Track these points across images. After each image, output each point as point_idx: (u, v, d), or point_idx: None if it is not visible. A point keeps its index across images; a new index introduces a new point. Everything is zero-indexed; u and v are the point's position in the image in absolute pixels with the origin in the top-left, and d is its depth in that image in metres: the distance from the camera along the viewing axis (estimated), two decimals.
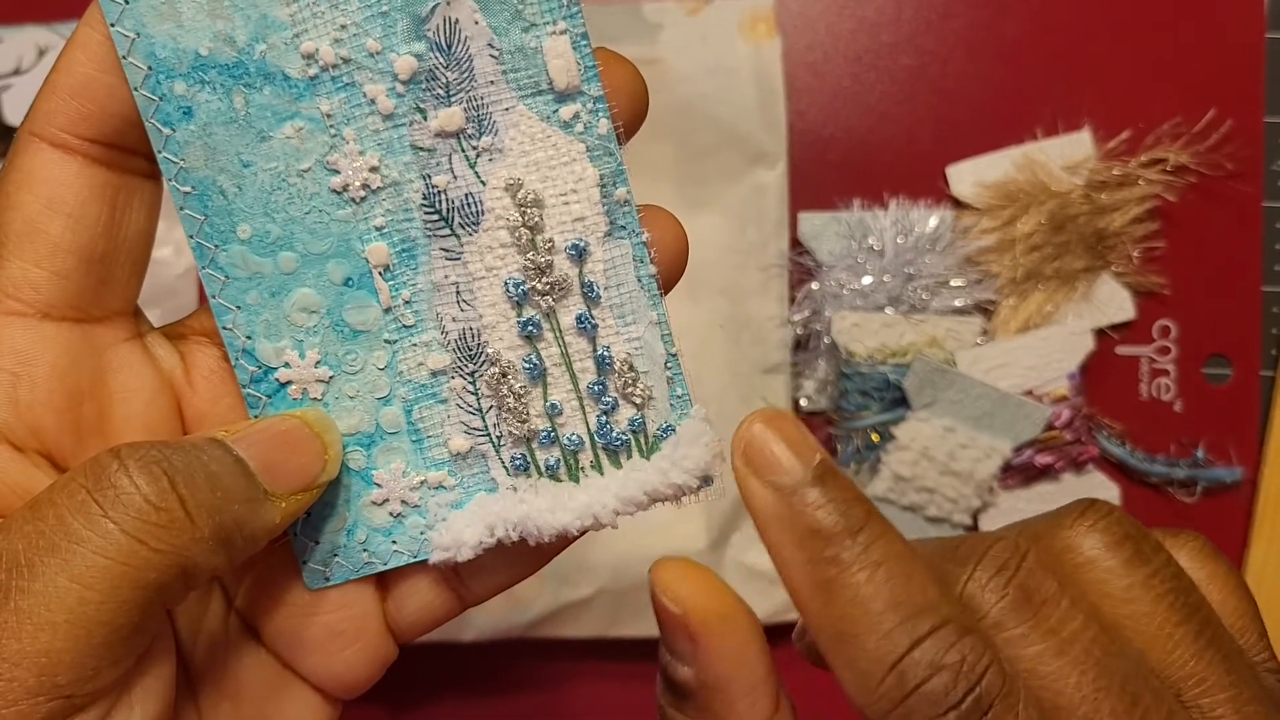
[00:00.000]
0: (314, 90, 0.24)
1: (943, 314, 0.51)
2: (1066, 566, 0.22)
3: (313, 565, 0.27)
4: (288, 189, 0.25)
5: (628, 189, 0.25)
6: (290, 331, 0.26)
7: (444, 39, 0.24)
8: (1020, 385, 0.50)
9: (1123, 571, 0.22)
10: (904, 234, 0.51)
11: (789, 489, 0.22)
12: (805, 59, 0.53)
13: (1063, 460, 0.51)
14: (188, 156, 0.25)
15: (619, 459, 0.26)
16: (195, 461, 0.22)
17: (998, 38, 0.53)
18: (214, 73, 0.24)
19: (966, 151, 0.52)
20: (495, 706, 0.54)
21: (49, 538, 0.21)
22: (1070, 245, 0.51)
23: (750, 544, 0.51)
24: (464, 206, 0.25)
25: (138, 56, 0.24)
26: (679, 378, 0.26)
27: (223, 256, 0.25)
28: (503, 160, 0.25)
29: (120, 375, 0.25)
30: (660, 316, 0.25)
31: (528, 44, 0.24)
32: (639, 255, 0.25)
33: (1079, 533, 0.22)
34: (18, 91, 0.53)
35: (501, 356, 0.26)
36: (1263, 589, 0.50)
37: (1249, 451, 0.51)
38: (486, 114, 0.25)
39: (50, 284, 0.24)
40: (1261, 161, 0.51)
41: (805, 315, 0.52)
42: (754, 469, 0.22)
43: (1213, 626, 0.22)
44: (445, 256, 0.25)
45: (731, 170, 0.51)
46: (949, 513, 0.51)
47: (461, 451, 0.26)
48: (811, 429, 0.52)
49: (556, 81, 0.24)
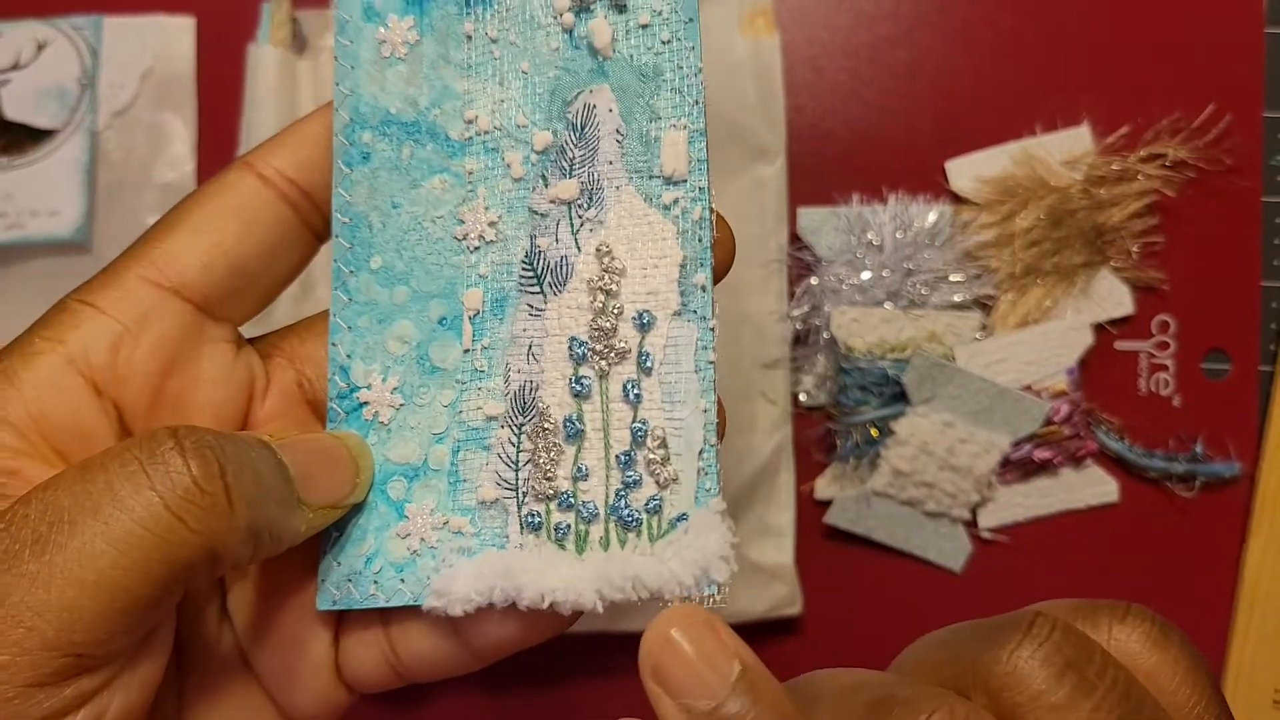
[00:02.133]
0: (465, 150, 0.28)
1: (942, 309, 0.51)
2: (1007, 705, 0.21)
3: (328, 586, 0.28)
4: (420, 231, 0.28)
5: (708, 276, 0.26)
6: (383, 357, 0.28)
7: (580, 120, 0.27)
8: (1019, 380, 0.50)
9: (1068, 706, 0.20)
10: (903, 229, 0.51)
11: (706, 714, 0.20)
12: (804, 54, 0.53)
13: (1061, 455, 0.51)
14: (354, 193, 0.28)
15: (627, 538, 0.26)
16: (244, 455, 0.23)
17: (996, 32, 0.53)
18: (395, 128, 0.28)
19: (965, 146, 0.52)
20: (497, 701, 0.54)
21: (95, 499, 0.21)
22: (1069, 240, 0.51)
23: (748, 539, 0.51)
24: (558, 268, 0.27)
25: (345, 109, 0.28)
26: (712, 471, 0.25)
27: (353, 281, 0.28)
28: (602, 230, 0.27)
29: (212, 367, 0.27)
30: (709, 405, 0.26)
31: (650, 133, 0.27)
32: (704, 342, 0.26)
33: (1019, 664, 0.21)
34: (16, 86, 0.53)
35: (550, 411, 0.27)
36: (1260, 584, 0.50)
37: (1247, 446, 0.51)
38: (599, 189, 0.27)
39: (194, 270, 0.26)
40: (1261, 156, 0.51)
41: (804, 310, 0.52)
42: (667, 689, 0.20)
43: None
44: (529, 312, 0.28)
45: (731, 165, 0.51)
46: (948, 507, 0.51)
47: (488, 500, 0.27)
48: (811, 424, 0.52)
49: (666, 168, 0.27)
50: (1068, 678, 0.20)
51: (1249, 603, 0.50)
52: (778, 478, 0.51)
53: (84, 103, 0.53)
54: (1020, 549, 0.52)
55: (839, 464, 0.52)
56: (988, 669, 0.21)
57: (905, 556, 0.52)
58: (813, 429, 0.52)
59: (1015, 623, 0.21)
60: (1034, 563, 0.52)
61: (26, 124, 0.53)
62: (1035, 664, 0.20)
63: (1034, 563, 0.52)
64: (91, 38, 0.53)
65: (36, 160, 0.52)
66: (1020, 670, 0.20)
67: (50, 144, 0.52)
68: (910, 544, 0.52)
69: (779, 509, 0.51)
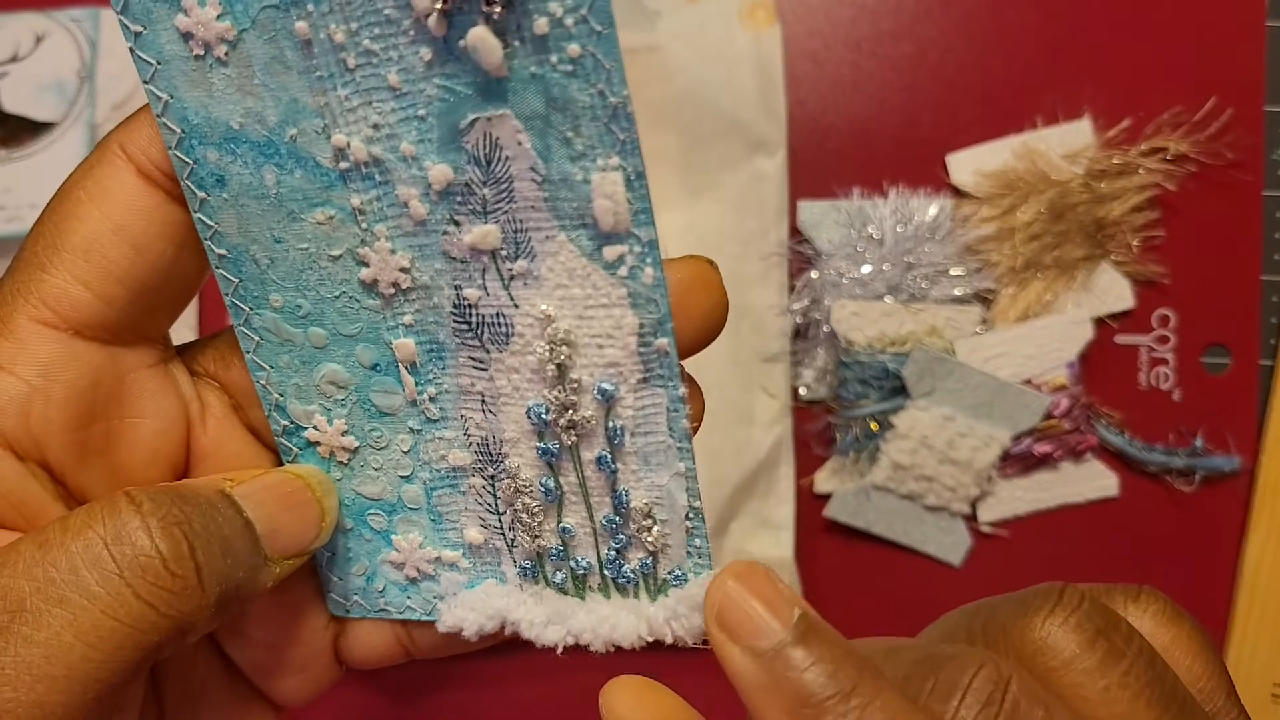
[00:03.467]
0: (346, 183, 0.23)
1: (942, 303, 0.51)
2: (1040, 669, 0.21)
3: (335, 597, 0.28)
4: (318, 270, 0.24)
5: (670, 340, 0.23)
6: (319, 399, 0.26)
7: (483, 154, 0.22)
8: (1019, 374, 0.50)
9: (1099, 672, 0.21)
10: (903, 222, 0.51)
11: (770, 653, 0.20)
12: (805, 46, 0.53)
13: (1061, 449, 0.51)
14: (221, 221, 0.24)
15: (625, 592, 0.26)
16: (212, 524, 0.22)
17: (998, 25, 0.53)
18: (245, 147, 0.23)
19: (966, 140, 0.52)
20: (494, 698, 0.54)
21: (59, 587, 0.20)
22: (1070, 234, 0.51)
23: (749, 533, 0.51)
24: (494, 324, 0.24)
25: (171, 119, 0.23)
26: (699, 530, 0.24)
27: (256, 320, 0.25)
28: (538, 288, 0.23)
29: (137, 401, 0.25)
30: (688, 469, 0.24)
31: (574, 175, 0.22)
32: (674, 407, 0.23)
33: (1051, 631, 0.21)
34: (15, 78, 0.53)
35: (520, 472, 0.25)
36: (1260, 578, 0.50)
37: (1247, 440, 0.51)
38: (525, 238, 0.23)
39: (91, 306, 0.23)
40: (1262, 150, 0.51)
41: (805, 304, 0.52)
42: (730, 634, 0.21)
43: (1188, 711, 0.21)
44: (473, 366, 0.24)
45: (731, 158, 0.51)
46: (948, 501, 0.51)
47: (476, 543, 0.26)
48: (811, 418, 0.52)
49: (602, 222, 0.22)
50: (1099, 644, 0.21)
51: (1248, 597, 0.50)
52: (777, 471, 0.51)
53: (83, 95, 0.53)
54: (1020, 543, 0.52)
55: (839, 458, 0.52)
56: (1020, 635, 0.21)
57: (905, 550, 0.52)
58: (813, 423, 0.52)
59: (1046, 593, 0.22)
60: (1034, 557, 0.52)
61: (25, 116, 0.52)
62: (1067, 631, 0.21)
63: (1034, 557, 0.52)
64: (90, 30, 0.53)
65: (35, 153, 0.52)
66: (1053, 637, 0.21)
67: (49, 136, 0.52)
68: (910, 538, 0.52)
69: (779, 502, 0.51)
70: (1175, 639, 0.23)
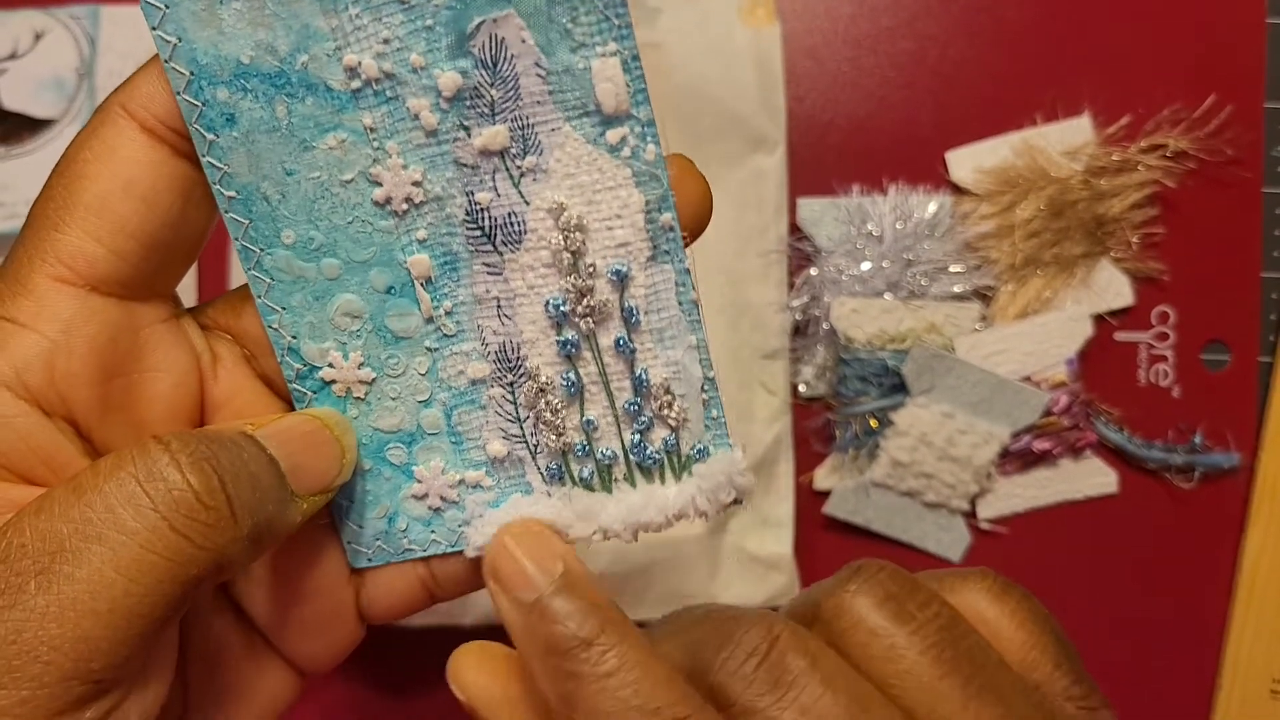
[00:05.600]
0: (357, 103, 0.24)
1: (941, 300, 0.51)
2: (834, 634, 0.23)
3: (356, 547, 0.28)
4: (331, 198, 0.25)
5: (673, 215, 0.24)
6: (334, 334, 0.26)
7: (489, 56, 0.23)
8: (1019, 371, 0.50)
9: (887, 630, 0.22)
10: (903, 219, 0.51)
11: (529, 605, 0.22)
12: (804, 44, 0.53)
13: (1061, 446, 0.51)
14: (231, 162, 0.25)
15: (652, 476, 0.26)
16: (239, 460, 0.23)
17: (997, 22, 0.53)
18: (256, 81, 0.24)
19: (966, 137, 0.52)
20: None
21: (96, 526, 0.21)
22: (1069, 231, 0.51)
23: (748, 530, 0.51)
24: (507, 224, 0.25)
25: (180, 62, 0.24)
26: (715, 400, 0.26)
27: (268, 260, 0.26)
28: (547, 181, 0.24)
29: (154, 355, 0.26)
30: (699, 341, 0.25)
31: (575, 65, 0.23)
32: (682, 280, 0.25)
33: (846, 598, 0.23)
34: (14, 76, 0.52)
35: (540, 372, 0.26)
36: (1259, 575, 0.50)
37: (1246, 437, 0.51)
38: (532, 134, 0.24)
39: (106, 261, 0.24)
40: (1261, 147, 0.51)
41: (804, 301, 0.52)
42: (501, 585, 0.23)
43: (986, 671, 0.22)
44: (487, 271, 0.25)
45: (731, 155, 0.51)
46: (947, 498, 0.51)
47: (499, 456, 0.27)
48: (810, 414, 0.52)
49: (604, 105, 0.24)
50: (888, 606, 0.23)
51: (1247, 593, 0.51)
52: (777, 468, 0.51)
53: (82, 92, 0.53)
54: (1019, 540, 0.52)
55: (838, 455, 0.52)
56: (823, 606, 0.23)
57: (904, 547, 0.52)
58: (812, 420, 0.52)
59: (852, 568, 0.24)
60: (1033, 554, 0.52)
61: (24, 114, 0.52)
62: (860, 596, 0.23)
63: (1033, 554, 0.52)
64: (89, 26, 0.53)
65: (35, 150, 0.52)
66: (846, 603, 0.23)
67: (48, 133, 0.52)
68: (909, 535, 0.52)
69: (778, 499, 0.51)
70: (1000, 614, 0.24)
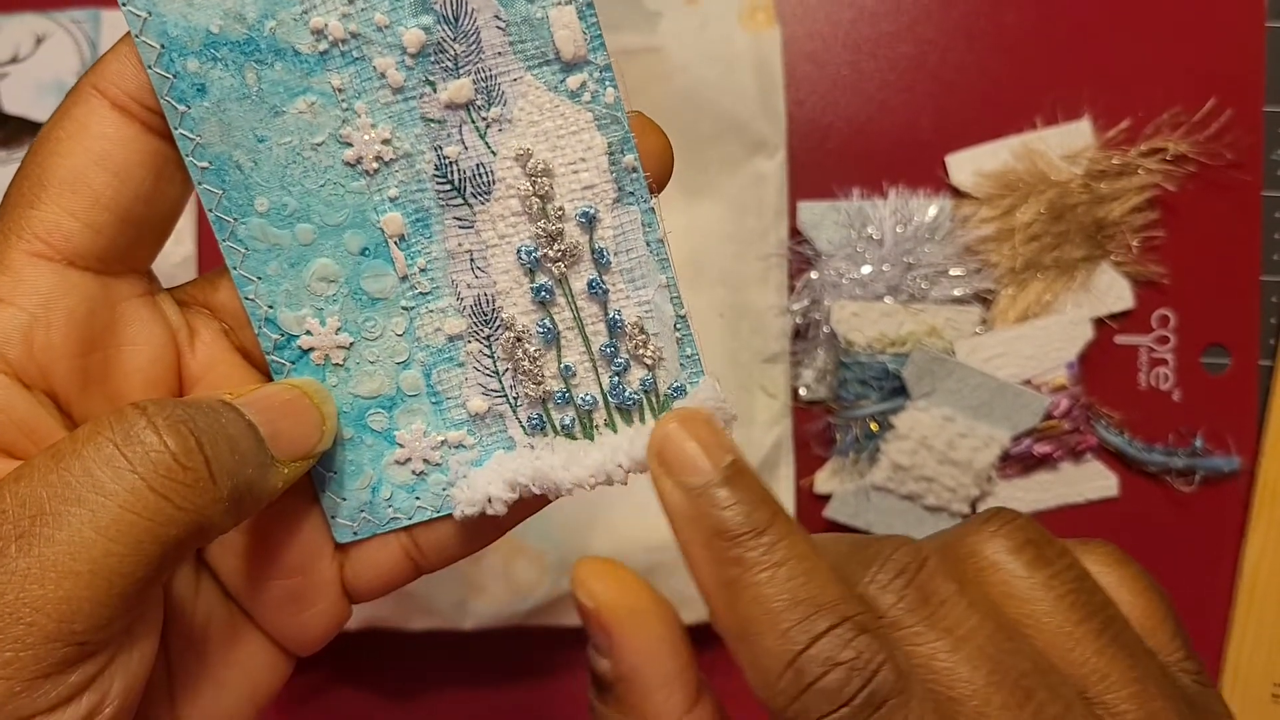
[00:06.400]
0: (324, 65, 0.25)
1: (942, 303, 0.51)
2: (970, 571, 0.23)
3: (340, 521, 0.28)
4: (302, 163, 0.26)
5: (635, 156, 0.25)
6: (310, 300, 0.27)
7: (451, 11, 0.24)
8: (1019, 374, 0.50)
9: (1024, 573, 0.22)
10: (903, 223, 0.51)
11: (698, 489, 0.22)
12: (804, 48, 0.53)
13: (1061, 449, 0.51)
14: (203, 133, 0.25)
15: (631, 417, 0.27)
16: (216, 424, 0.23)
17: (997, 26, 0.53)
18: (225, 50, 0.25)
19: (966, 140, 0.52)
20: (496, 694, 0.54)
21: (75, 489, 0.21)
22: (1069, 234, 0.51)
23: None
24: (475, 176, 0.26)
25: (150, 35, 0.24)
26: (688, 338, 0.26)
27: (242, 229, 0.26)
28: (512, 130, 0.25)
29: (130, 328, 0.26)
30: (669, 279, 0.26)
31: (533, 14, 0.24)
32: (648, 220, 0.26)
33: (983, 538, 0.23)
34: (15, 80, 0.53)
35: (516, 321, 0.26)
36: (1259, 578, 0.50)
37: (1247, 441, 0.51)
38: (495, 85, 0.25)
39: (82, 235, 0.24)
40: (1261, 151, 0.51)
41: (804, 304, 0.52)
42: (666, 469, 0.23)
43: (1116, 625, 0.22)
44: (459, 225, 0.26)
45: (731, 159, 0.51)
46: (947, 501, 0.51)
47: (480, 412, 0.27)
48: (811, 418, 0.52)
49: (563, 52, 0.24)
50: (1027, 550, 0.23)
51: (1248, 597, 0.51)
52: (777, 471, 0.51)
53: None
54: None
55: (839, 458, 0.52)
56: (957, 543, 0.23)
57: None
58: (812, 423, 0.52)
59: (987, 514, 0.24)
60: None
61: (25, 117, 0.52)
62: (998, 539, 0.23)
63: None
64: (90, 31, 0.53)
65: None
66: (984, 544, 0.23)
67: None
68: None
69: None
70: (1122, 579, 0.24)
